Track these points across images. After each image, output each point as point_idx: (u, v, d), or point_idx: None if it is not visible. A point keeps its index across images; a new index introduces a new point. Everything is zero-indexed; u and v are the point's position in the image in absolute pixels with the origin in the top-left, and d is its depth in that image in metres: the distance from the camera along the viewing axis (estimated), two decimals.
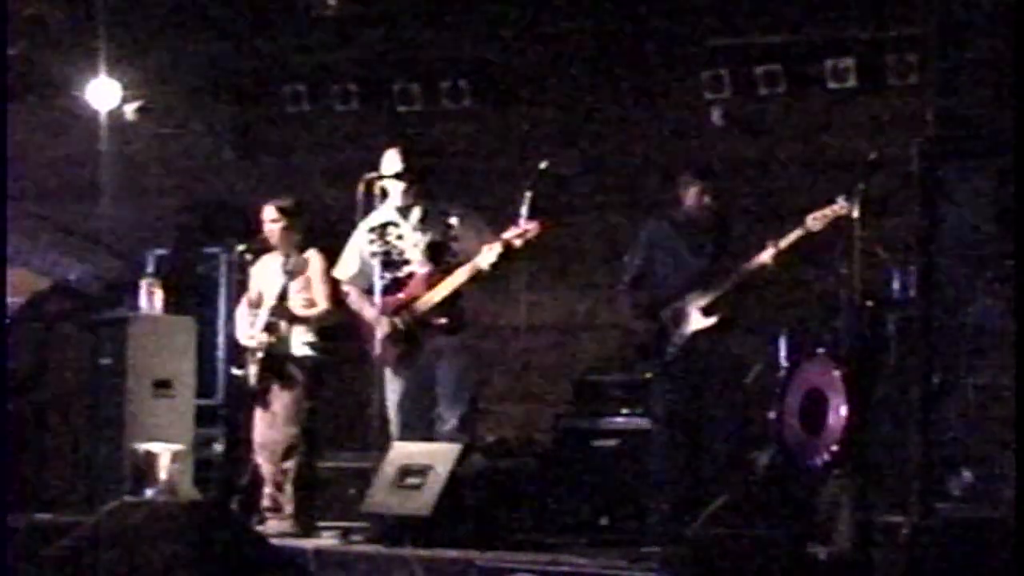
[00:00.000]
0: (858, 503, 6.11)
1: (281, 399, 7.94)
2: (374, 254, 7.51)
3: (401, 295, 7.46)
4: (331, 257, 7.93)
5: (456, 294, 7.37)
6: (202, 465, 8.68)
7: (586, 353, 9.32)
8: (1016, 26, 5.91)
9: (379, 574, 6.60)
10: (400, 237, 7.53)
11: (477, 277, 7.32)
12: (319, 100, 9.89)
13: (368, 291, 7.52)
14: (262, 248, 8.13)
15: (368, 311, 7.51)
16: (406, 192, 7.51)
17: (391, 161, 7.52)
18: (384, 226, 7.56)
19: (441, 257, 7.43)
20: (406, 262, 7.50)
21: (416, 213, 7.52)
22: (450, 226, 7.42)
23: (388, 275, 7.48)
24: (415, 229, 7.51)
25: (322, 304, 7.94)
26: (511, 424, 8.84)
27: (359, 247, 7.60)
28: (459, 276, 7.32)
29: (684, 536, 6.16)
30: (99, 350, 8.57)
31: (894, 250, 7.11)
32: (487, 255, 7.21)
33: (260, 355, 7.93)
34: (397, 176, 7.46)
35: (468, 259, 7.32)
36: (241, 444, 8.44)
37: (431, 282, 7.40)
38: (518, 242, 7.16)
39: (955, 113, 6.14)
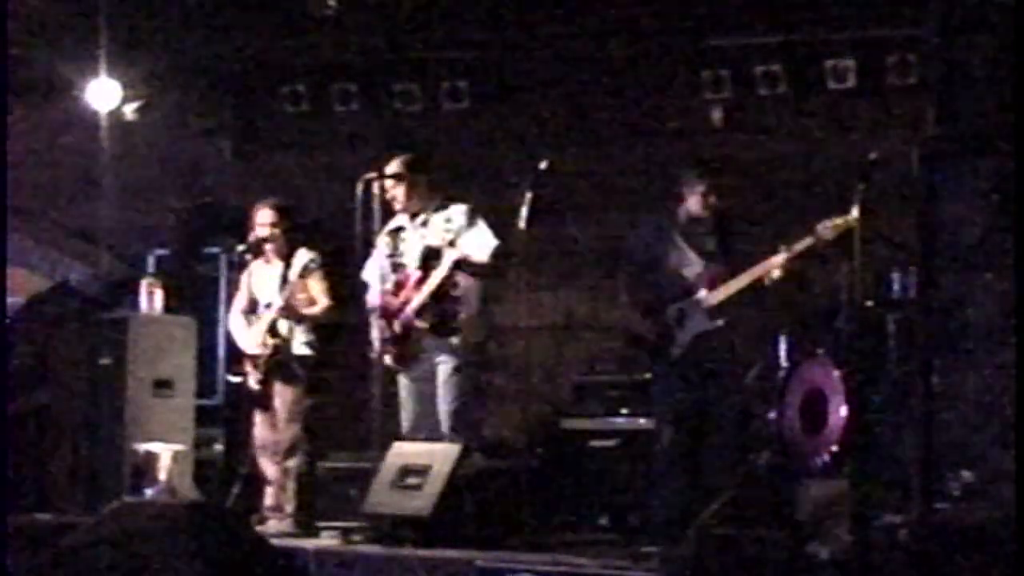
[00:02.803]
0: (858, 503, 6.10)
1: (282, 398, 7.96)
2: (387, 256, 7.61)
3: (397, 299, 7.51)
4: (327, 256, 7.96)
5: (445, 298, 7.39)
6: (202, 465, 8.69)
7: (586, 353, 9.32)
8: (1016, 26, 5.90)
9: (379, 574, 6.60)
10: (404, 241, 7.62)
11: (451, 285, 7.36)
12: (319, 100, 9.89)
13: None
14: (261, 250, 8.13)
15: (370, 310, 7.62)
16: (408, 201, 7.55)
17: (389, 170, 7.57)
18: (397, 230, 7.66)
19: (432, 262, 7.44)
20: (404, 266, 7.58)
21: (420, 219, 7.57)
22: (448, 231, 7.44)
23: (393, 277, 7.57)
24: (415, 233, 7.57)
25: (323, 301, 7.98)
26: (511, 424, 8.84)
27: (380, 251, 7.68)
28: (430, 283, 7.37)
29: (684, 536, 6.15)
30: (99, 350, 8.58)
31: (894, 250, 7.11)
32: (443, 264, 7.32)
33: (263, 358, 7.95)
34: (395, 178, 7.50)
35: None
36: (241, 444, 8.45)
37: (418, 285, 7.44)
38: (476, 256, 7.30)
39: (955, 113, 6.13)
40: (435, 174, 7.79)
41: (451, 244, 7.40)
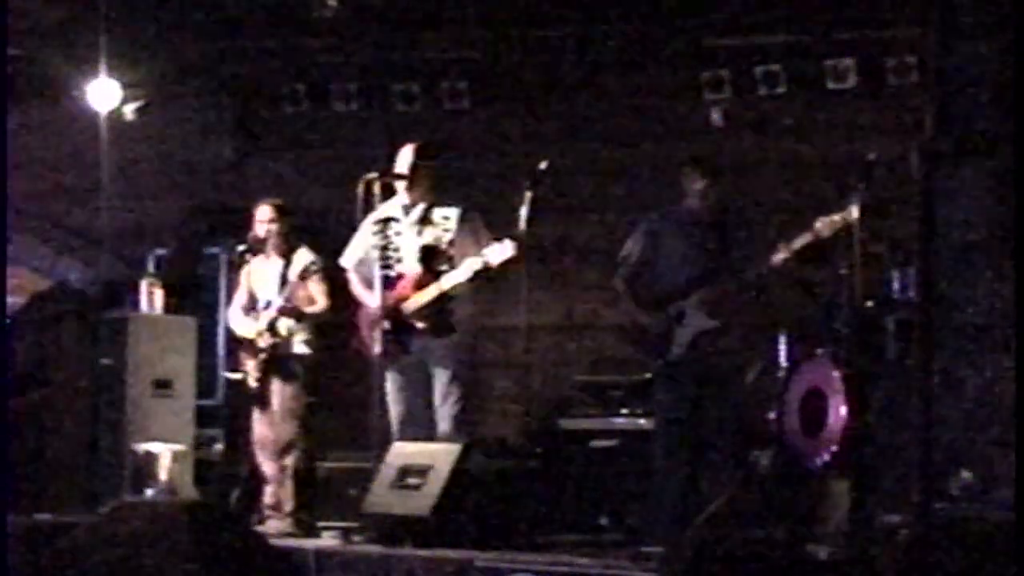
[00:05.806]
0: (858, 503, 6.11)
1: (280, 396, 7.98)
2: (374, 247, 7.55)
3: (391, 294, 7.49)
4: (326, 256, 7.97)
5: (443, 298, 7.37)
6: (202, 465, 8.69)
7: (586, 353, 9.32)
8: (1016, 26, 5.90)
9: (379, 574, 6.60)
10: (399, 234, 7.55)
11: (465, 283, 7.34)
12: (319, 100, 9.90)
13: (368, 281, 7.56)
14: (260, 248, 8.15)
15: (366, 300, 7.56)
16: (411, 191, 7.51)
17: (403, 158, 7.54)
18: (387, 221, 7.57)
19: (432, 261, 7.42)
20: (399, 261, 7.53)
21: (416, 213, 7.53)
22: (447, 230, 7.43)
23: (382, 271, 7.52)
24: (412, 229, 7.53)
25: (321, 301, 7.99)
26: (511, 424, 8.83)
27: (365, 237, 7.62)
28: (442, 285, 7.34)
29: (684, 536, 6.15)
30: (99, 350, 8.59)
31: (894, 250, 7.11)
32: (464, 270, 7.24)
33: (262, 355, 7.96)
34: (401, 174, 7.48)
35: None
36: (241, 444, 8.45)
37: (419, 285, 7.41)
38: (495, 262, 7.17)
39: (954, 113, 6.13)
40: (441, 165, 7.72)
41: (450, 244, 7.40)
